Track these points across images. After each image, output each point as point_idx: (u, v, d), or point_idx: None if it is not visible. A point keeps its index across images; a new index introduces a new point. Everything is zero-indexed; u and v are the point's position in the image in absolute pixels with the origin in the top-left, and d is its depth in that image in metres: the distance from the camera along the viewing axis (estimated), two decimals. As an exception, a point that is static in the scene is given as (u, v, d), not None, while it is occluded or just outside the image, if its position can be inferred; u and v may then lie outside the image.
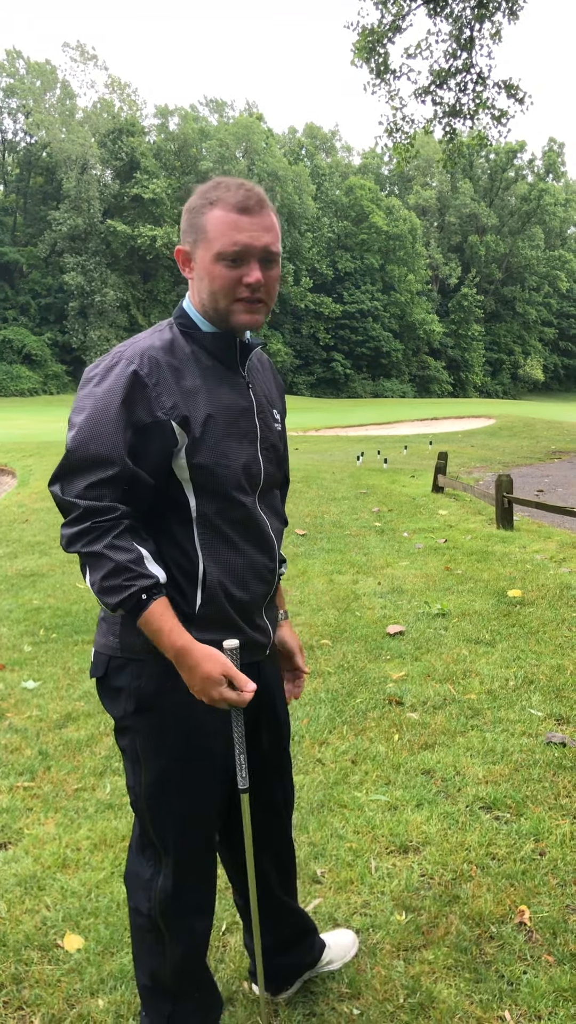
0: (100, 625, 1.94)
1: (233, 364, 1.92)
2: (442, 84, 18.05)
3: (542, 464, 20.82)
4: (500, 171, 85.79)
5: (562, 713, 4.24)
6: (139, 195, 63.31)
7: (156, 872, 1.96)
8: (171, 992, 2.00)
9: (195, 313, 1.89)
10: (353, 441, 25.17)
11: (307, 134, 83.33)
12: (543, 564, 7.71)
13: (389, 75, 18.12)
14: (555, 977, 2.38)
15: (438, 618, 5.99)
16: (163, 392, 1.78)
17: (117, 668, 1.88)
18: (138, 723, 1.87)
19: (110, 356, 1.81)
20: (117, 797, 3.48)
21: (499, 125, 18.37)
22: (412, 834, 3.13)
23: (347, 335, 72.57)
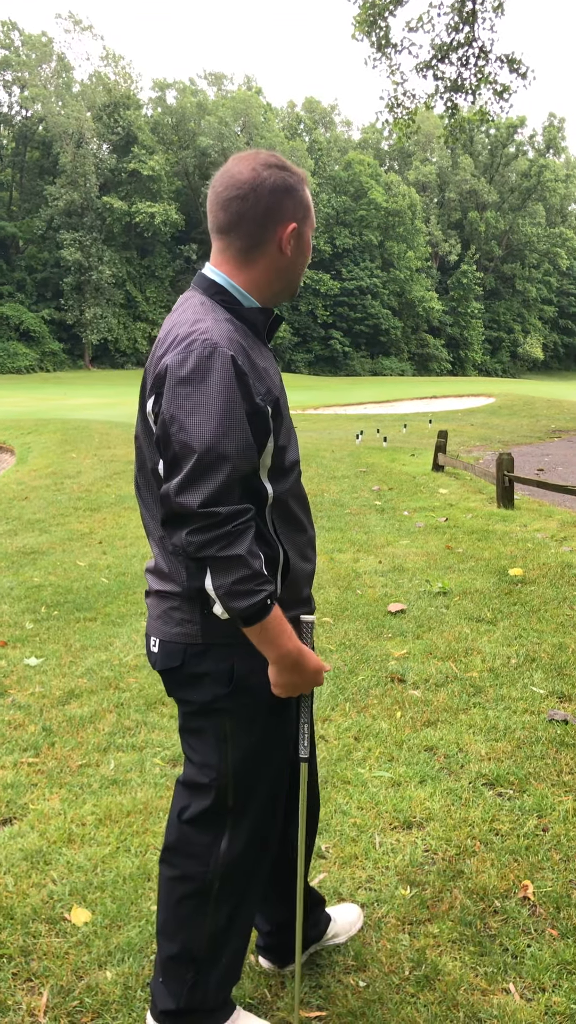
0: (167, 615, 1.91)
1: (264, 338, 1.94)
2: (444, 58, 17.85)
3: (542, 443, 20.80)
4: (500, 147, 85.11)
5: (564, 691, 4.26)
6: (137, 170, 62.76)
7: (219, 836, 1.98)
8: (200, 960, 2.02)
9: (237, 289, 1.88)
10: (352, 419, 25.11)
11: (306, 108, 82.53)
12: (544, 543, 7.72)
13: (390, 49, 17.92)
14: (559, 950, 2.40)
15: (439, 596, 6.00)
16: (255, 378, 1.78)
17: (197, 655, 1.87)
18: (231, 704, 1.88)
19: (198, 344, 1.73)
20: (121, 773, 3.50)
21: (501, 100, 18.17)
22: (415, 810, 3.15)
23: (345, 312, 72.22)
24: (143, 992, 2.27)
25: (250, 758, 1.93)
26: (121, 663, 4.78)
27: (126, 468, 12.89)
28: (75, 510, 9.82)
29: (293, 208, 1.88)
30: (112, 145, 65.00)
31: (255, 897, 2.08)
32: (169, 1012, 2.06)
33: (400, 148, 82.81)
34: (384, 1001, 2.22)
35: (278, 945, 2.33)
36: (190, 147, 67.59)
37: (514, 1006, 2.19)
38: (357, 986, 2.29)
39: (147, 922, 2.55)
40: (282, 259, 1.90)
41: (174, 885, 2.03)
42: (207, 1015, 2.06)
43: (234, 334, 1.79)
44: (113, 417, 22.07)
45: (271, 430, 1.82)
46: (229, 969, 2.06)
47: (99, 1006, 2.23)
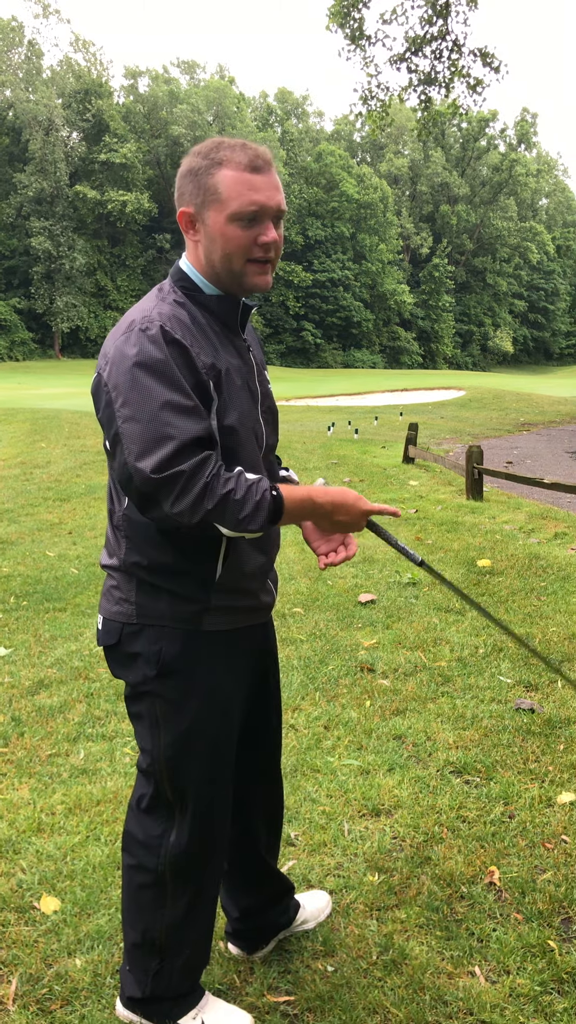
0: (109, 593, 1.94)
1: (235, 327, 1.92)
2: (417, 51, 17.85)
3: (511, 436, 20.97)
4: (472, 140, 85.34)
5: (530, 680, 4.31)
6: (109, 159, 62.18)
7: (168, 829, 1.98)
8: (162, 949, 2.03)
9: (197, 276, 1.88)
10: (323, 411, 25.15)
11: (278, 99, 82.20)
12: (512, 534, 7.79)
13: (364, 41, 17.89)
14: (523, 934, 2.44)
15: (409, 587, 6.04)
16: (200, 351, 1.77)
17: (132, 634, 1.89)
18: (159, 687, 1.88)
19: (138, 322, 1.74)
20: (91, 763, 3.49)
21: (474, 94, 18.23)
22: (384, 798, 3.18)
23: (317, 304, 72.17)
24: (112, 979, 2.28)
25: (181, 744, 1.92)
26: (91, 653, 4.77)
27: (96, 458, 12.82)
28: (44, 500, 9.75)
29: (192, 192, 1.82)
30: (83, 133, 64.28)
31: (214, 887, 2.09)
32: (135, 1000, 2.07)
33: (373, 140, 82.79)
34: (352, 985, 2.25)
35: (246, 931, 2.35)
36: (162, 136, 67.04)
37: (479, 988, 2.22)
38: (325, 971, 2.32)
39: (116, 910, 2.55)
40: (197, 245, 1.86)
41: (132, 873, 2.04)
42: (174, 1002, 2.07)
43: (178, 310, 1.79)
44: (83, 407, 21.92)
45: (212, 403, 1.79)
46: (194, 956, 2.07)
47: (68, 993, 2.24)
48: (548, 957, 2.34)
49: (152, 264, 66.94)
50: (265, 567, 2.01)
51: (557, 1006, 2.17)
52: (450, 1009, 2.16)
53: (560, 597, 5.73)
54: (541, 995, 2.21)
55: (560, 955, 2.34)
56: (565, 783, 3.28)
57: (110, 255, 65.73)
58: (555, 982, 2.26)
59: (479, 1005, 2.17)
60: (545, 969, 2.29)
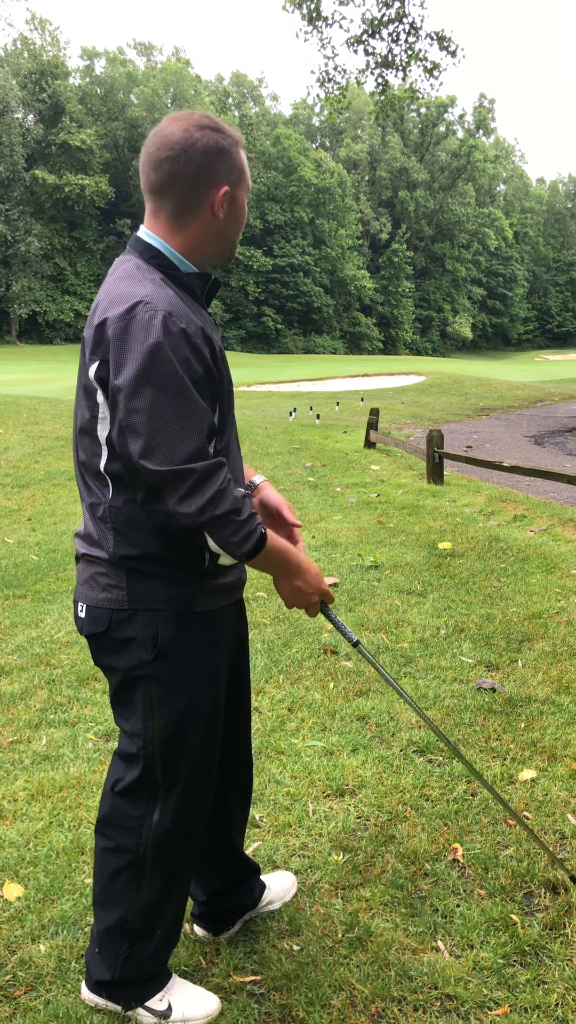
0: (93, 580, 1.91)
1: (203, 302, 1.93)
2: (374, 33, 17.78)
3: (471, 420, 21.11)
4: (431, 126, 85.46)
5: (491, 660, 4.35)
6: (66, 142, 61.23)
7: (150, 809, 1.98)
8: (134, 932, 2.02)
9: (173, 253, 1.86)
10: (285, 397, 25.12)
11: (234, 83, 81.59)
12: (472, 517, 7.85)
13: (321, 22, 17.78)
14: (486, 909, 2.47)
15: (371, 570, 6.06)
16: (200, 338, 1.77)
17: (123, 620, 1.88)
18: (155, 670, 1.88)
19: (139, 307, 1.71)
20: (54, 749, 3.46)
21: (431, 78, 18.19)
22: (348, 778, 3.20)
23: (278, 289, 71.97)
24: (77, 964, 2.26)
25: (176, 726, 1.93)
26: (52, 640, 4.73)
27: (55, 444, 12.68)
28: (2, 487, 9.63)
29: (225, 171, 1.84)
30: (39, 114, 63.21)
31: (189, 868, 2.09)
32: (104, 983, 2.07)
33: (331, 125, 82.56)
34: (318, 963, 2.26)
35: (213, 914, 2.35)
36: (120, 119, 66.26)
37: (443, 963, 2.25)
38: (291, 950, 2.32)
39: (81, 895, 2.54)
40: (215, 223, 1.87)
41: (108, 857, 2.03)
42: (142, 985, 2.07)
43: (175, 298, 1.77)
44: (41, 392, 21.67)
45: (219, 387, 1.83)
46: (164, 939, 2.07)
47: (33, 979, 2.22)
48: (511, 931, 2.37)
49: (112, 250, 66.14)
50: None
51: (520, 978, 2.20)
52: (415, 984, 2.18)
53: (519, 578, 5.78)
54: (504, 967, 2.24)
55: (522, 928, 2.38)
56: (526, 761, 3.32)
57: (70, 238, 64.79)
58: (517, 954, 2.29)
59: (443, 979, 2.19)
60: (508, 942, 2.32)
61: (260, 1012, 2.11)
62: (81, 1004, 2.12)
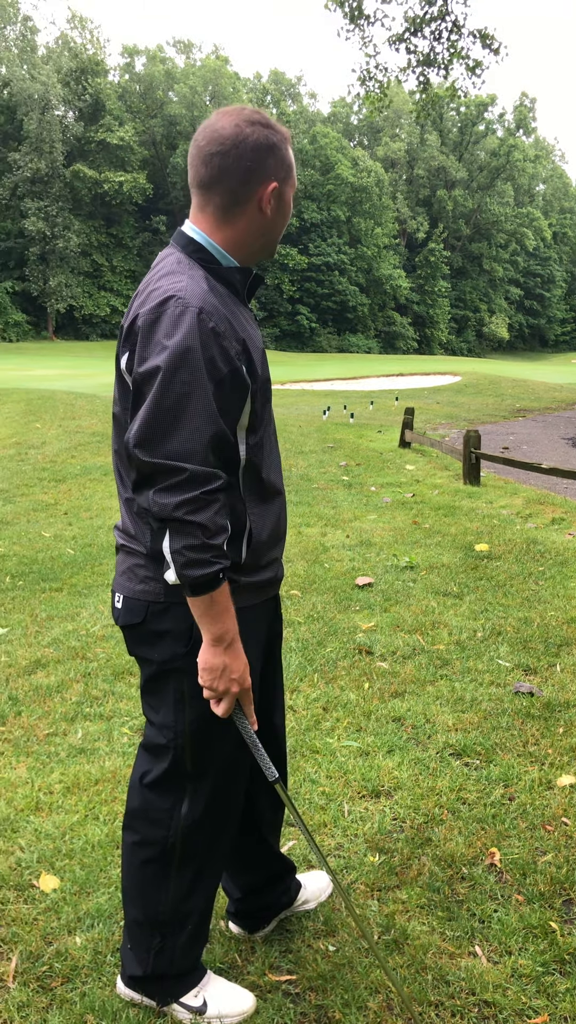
0: (131, 572, 1.91)
1: (244, 297, 1.92)
2: (417, 31, 17.68)
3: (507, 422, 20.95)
4: (470, 124, 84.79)
5: (529, 664, 4.30)
6: (105, 139, 61.59)
7: (178, 801, 1.98)
8: (164, 924, 2.02)
9: (216, 248, 1.86)
10: (319, 395, 25.08)
11: (272, 80, 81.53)
12: (509, 519, 7.78)
13: (363, 20, 17.71)
14: (525, 915, 2.44)
15: (406, 571, 6.02)
16: (232, 337, 1.76)
17: (159, 612, 1.88)
18: (189, 663, 1.87)
19: (172, 302, 1.71)
20: (89, 742, 3.48)
21: (473, 76, 18.06)
22: (384, 779, 3.17)
23: (313, 288, 71.79)
24: (113, 957, 2.27)
25: (207, 718, 1.92)
26: (88, 633, 4.75)
27: (91, 439, 12.76)
28: (40, 480, 9.70)
29: (275, 167, 1.83)
30: (79, 112, 63.62)
31: (219, 861, 2.08)
32: (137, 978, 2.07)
33: (370, 123, 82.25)
34: (353, 965, 2.24)
35: (247, 911, 2.34)
36: (158, 116, 66.51)
37: (481, 968, 2.22)
38: (327, 950, 2.31)
39: (116, 888, 2.54)
40: (262, 218, 1.86)
41: (136, 850, 2.03)
42: (176, 980, 2.06)
43: (209, 294, 1.76)
44: (78, 388, 21.82)
45: (249, 387, 1.81)
46: (195, 934, 2.06)
47: (69, 971, 2.23)
48: (550, 938, 2.34)
49: (147, 246, 66.41)
50: (280, 547, 2.06)
51: (559, 986, 2.17)
52: (452, 989, 2.16)
53: (558, 582, 5.72)
54: (543, 975, 2.21)
55: (562, 936, 2.34)
56: (564, 766, 3.28)
57: (107, 235, 65.13)
58: (556, 963, 2.26)
59: (481, 985, 2.16)
60: (547, 950, 2.29)
61: (296, 1012, 2.10)
62: (116, 998, 2.12)
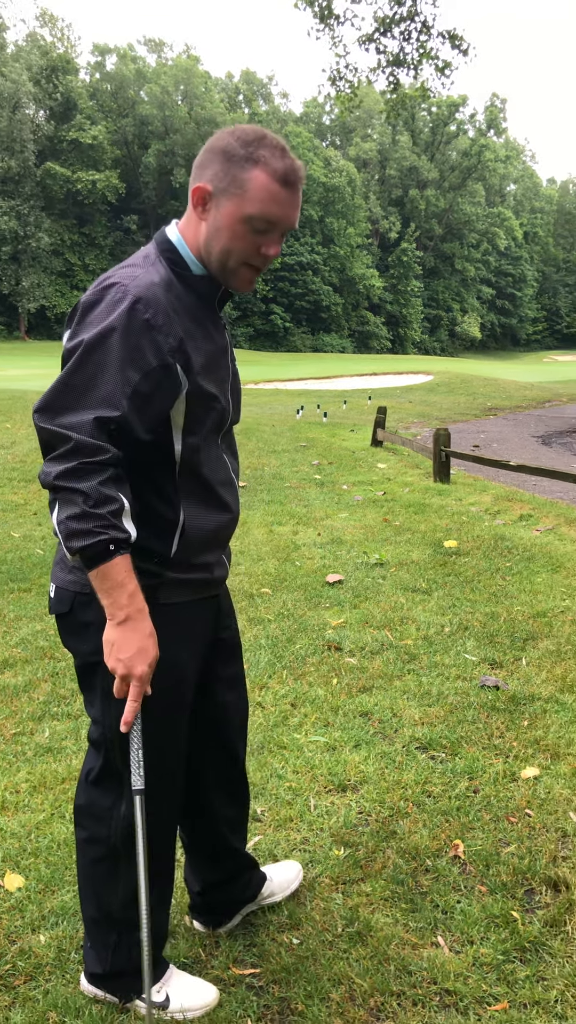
0: (62, 561, 1.91)
1: (212, 306, 1.90)
2: (386, 32, 17.74)
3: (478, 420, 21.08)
4: (442, 125, 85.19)
5: (495, 658, 4.34)
6: (78, 138, 61.22)
7: (118, 799, 1.98)
8: (119, 922, 2.03)
9: (187, 252, 1.84)
10: (292, 395, 25.11)
11: (244, 80, 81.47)
12: (478, 516, 7.84)
13: (332, 20, 17.74)
14: (487, 905, 2.46)
15: (376, 567, 6.05)
16: (169, 333, 1.73)
17: (84, 603, 1.85)
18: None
19: (113, 289, 1.72)
20: (56, 741, 3.47)
21: (442, 76, 18.14)
22: (350, 773, 3.19)
23: (286, 287, 71.81)
24: (77, 954, 2.27)
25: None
26: (56, 633, 4.73)
27: (62, 440, 12.69)
28: (9, 481, 9.64)
29: (218, 174, 1.76)
30: (50, 111, 63.21)
31: (168, 857, 2.08)
32: (97, 976, 2.07)
33: (341, 123, 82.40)
34: (317, 957, 2.26)
35: (208, 905, 2.35)
36: (130, 115, 66.22)
37: (443, 958, 2.24)
38: (291, 943, 2.32)
39: (81, 886, 2.54)
40: (200, 224, 1.81)
41: (85, 847, 2.05)
42: (137, 976, 2.06)
43: (157, 288, 1.74)
44: (49, 389, 21.68)
45: (180, 387, 1.77)
46: (151, 930, 2.06)
47: (32, 969, 2.22)
48: (511, 927, 2.36)
49: (119, 245, 66.12)
50: (218, 555, 2.02)
51: (519, 974, 2.19)
52: (414, 979, 2.18)
53: (524, 577, 5.77)
54: (504, 963, 2.23)
55: (523, 925, 2.37)
56: (528, 758, 3.31)
57: (79, 234, 64.74)
58: (517, 951, 2.28)
59: (443, 974, 2.18)
60: (508, 939, 2.32)
61: (259, 1004, 2.11)
62: (80, 994, 2.12)
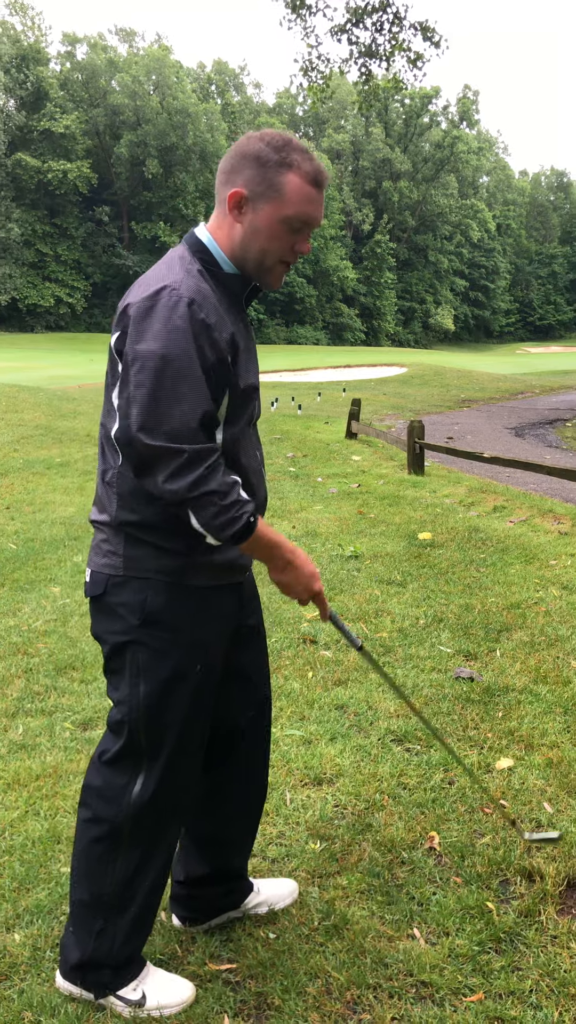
0: (98, 547, 2.00)
1: (242, 305, 2.03)
2: (358, 23, 17.70)
3: (452, 412, 21.17)
4: (415, 116, 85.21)
5: (470, 649, 4.36)
6: (49, 128, 60.56)
7: (133, 779, 2.01)
8: (109, 907, 2.03)
9: (219, 252, 1.95)
10: (267, 387, 25.06)
11: (216, 70, 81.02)
12: (452, 508, 7.87)
13: (304, 10, 17.66)
14: (462, 896, 2.48)
15: (351, 560, 6.06)
16: (222, 329, 1.85)
17: (117, 585, 1.95)
18: (143, 635, 1.94)
19: (165, 292, 1.80)
20: (30, 738, 3.45)
21: (414, 68, 18.14)
22: (326, 767, 3.20)
23: (260, 280, 71.53)
24: (52, 953, 2.25)
25: (161, 693, 1.96)
26: (30, 628, 4.70)
27: (34, 432, 12.61)
28: (-18, 475, 9.56)
29: (253, 179, 1.88)
30: (20, 100, 62.47)
31: (168, 846, 2.09)
32: (75, 966, 2.07)
33: (315, 114, 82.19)
34: (294, 951, 2.26)
35: (189, 898, 2.34)
36: (101, 105, 65.60)
37: (419, 950, 2.25)
38: (267, 938, 2.32)
39: (56, 884, 2.53)
40: (235, 226, 1.92)
41: (87, 827, 2.05)
42: (114, 971, 2.06)
43: (201, 287, 1.85)
44: (22, 381, 21.52)
45: (231, 379, 1.89)
46: (137, 921, 2.06)
47: (7, 968, 2.21)
48: (486, 918, 2.38)
49: (92, 236, 65.49)
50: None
51: (495, 964, 2.21)
52: (390, 971, 2.19)
53: (498, 568, 5.80)
54: (479, 954, 2.25)
55: (498, 915, 2.39)
56: (503, 749, 3.33)
57: (50, 225, 63.96)
58: (493, 942, 2.30)
59: (419, 966, 2.19)
60: (483, 930, 2.33)
61: (235, 1000, 2.11)
62: (55, 993, 2.11)
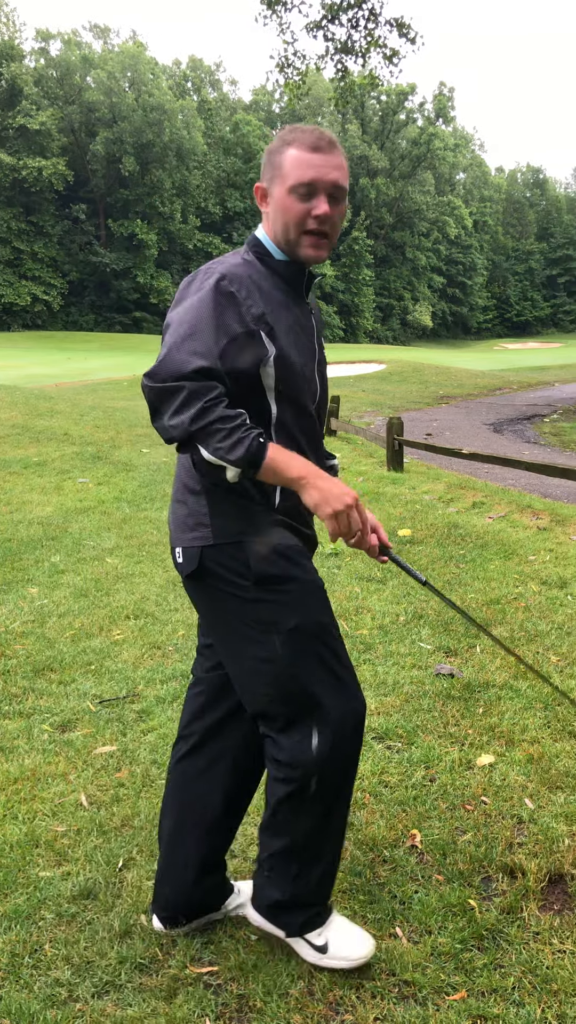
0: (182, 523, 2.08)
1: (300, 291, 2.14)
2: (334, 19, 17.69)
3: (431, 408, 21.22)
4: (391, 113, 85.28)
5: (450, 646, 4.36)
6: (24, 125, 60.09)
7: (307, 736, 2.04)
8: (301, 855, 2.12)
9: (269, 243, 2.10)
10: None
11: (191, 67, 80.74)
12: (432, 504, 7.88)
13: (280, 6, 17.64)
14: (444, 894, 2.47)
15: (331, 557, 6.05)
16: (252, 304, 1.97)
17: (213, 553, 2.03)
18: (258, 593, 2.01)
19: (205, 269, 2.00)
20: (7, 740, 3.41)
21: (390, 65, 18.17)
22: (307, 766, 3.17)
23: (238, 277, 71.35)
24: (31, 959, 2.22)
25: (297, 638, 2.01)
26: (7, 630, 4.65)
27: (11, 432, 12.50)
28: (-42, 475, 9.47)
29: (267, 168, 2.08)
30: (-7, 97, 61.91)
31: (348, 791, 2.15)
32: (274, 904, 2.17)
33: (291, 111, 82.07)
34: (275, 953, 2.24)
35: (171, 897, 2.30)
36: (76, 102, 65.18)
37: (401, 949, 2.24)
38: (248, 940, 2.30)
39: (35, 888, 2.50)
40: (267, 216, 2.10)
41: (275, 786, 2.11)
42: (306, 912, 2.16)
43: (242, 267, 2.01)
44: (-2, 381, 21.35)
45: (267, 351, 1.98)
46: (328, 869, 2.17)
47: (-16, 975, 2.18)
48: (468, 915, 2.37)
49: (68, 233, 65.05)
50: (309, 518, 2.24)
51: (477, 962, 2.20)
52: (372, 971, 2.18)
53: (478, 564, 5.81)
54: (462, 952, 2.24)
55: (480, 913, 2.38)
56: (484, 745, 3.33)
57: (26, 222, 63.40)
58: (475, 939, 2.29)
59: (401, 965, 2.18)
60: (465, 927, 2.33)
61: (217, 1003, 2.09)
62: (34, 1000, 2.08)
